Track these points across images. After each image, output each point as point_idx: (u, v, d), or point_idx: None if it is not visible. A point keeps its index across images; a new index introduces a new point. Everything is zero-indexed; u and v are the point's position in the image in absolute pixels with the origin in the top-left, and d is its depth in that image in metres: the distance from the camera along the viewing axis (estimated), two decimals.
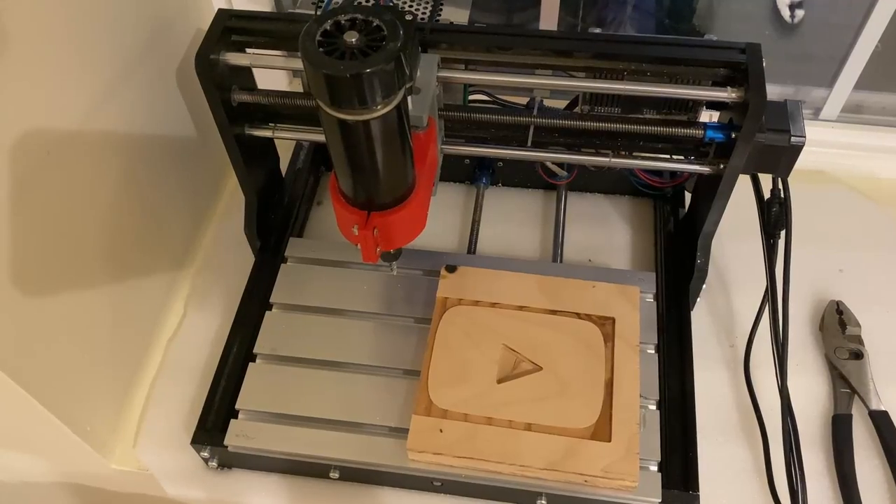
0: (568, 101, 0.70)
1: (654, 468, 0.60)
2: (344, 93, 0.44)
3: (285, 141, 0.80)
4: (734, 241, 0.76)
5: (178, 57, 0.71)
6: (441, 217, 0.81)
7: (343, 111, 0.45)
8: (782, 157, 0.61)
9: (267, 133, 0.68)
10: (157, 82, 0.69)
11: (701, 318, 0.74)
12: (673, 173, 0.77)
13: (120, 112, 0.64)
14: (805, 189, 0.67)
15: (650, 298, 0.69)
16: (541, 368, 0.63)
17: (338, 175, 0.53)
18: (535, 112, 0.65)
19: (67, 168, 0.58)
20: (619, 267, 0.77)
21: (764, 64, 0.58)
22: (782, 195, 0.65)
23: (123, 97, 0.64)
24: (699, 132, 0.62)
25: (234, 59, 0.62)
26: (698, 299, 0.73)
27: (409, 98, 0.49)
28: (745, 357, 0.70)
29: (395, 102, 0.46)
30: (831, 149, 0.86)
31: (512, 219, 0.82)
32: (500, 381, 0.62)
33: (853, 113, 0.88)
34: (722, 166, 0.62)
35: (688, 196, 0.77)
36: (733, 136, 0.60)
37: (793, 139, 0.60)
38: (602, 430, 0.60)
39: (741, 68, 0.58)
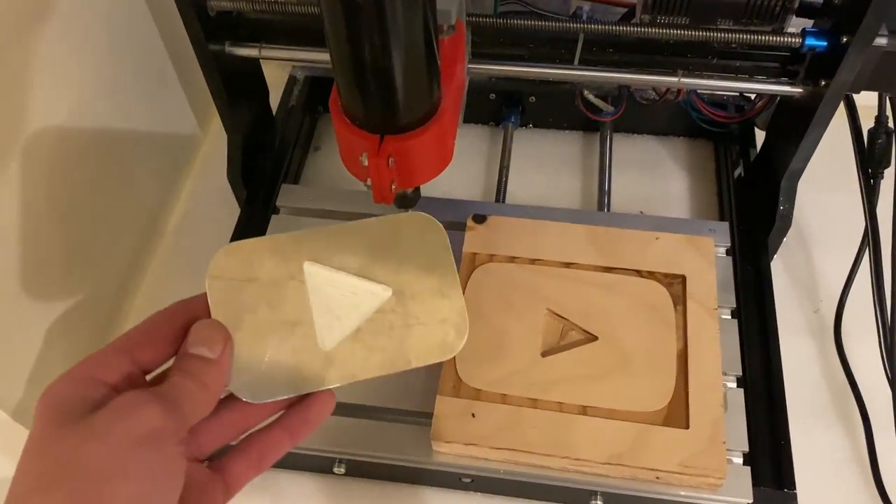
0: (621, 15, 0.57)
1: (740, 461, 0.49)
2: None
3: (276, 76, 0.69)
4: (814, 188, 0.63)
5: None
6: (462, 164, 0.69)
7: None
8: None
9: (252, 52, 0.56)
10: None
11: (777, 278, 0.61)
12: (740, 107, 0.65)
13: (71, 27, 0.52)
14: None
15: (722, 253, 0.57)
16: (596, 338, 0.51)
17: (340, 86, 0.41)
18: (583, 20, 0.53)
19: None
20: None
21: None
22: (891, 122, 0.52)
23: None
24: (796, 40, 0.50)
25: None
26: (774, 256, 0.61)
27: None
28: (835, 324, 0.59)
29: None
30: None
31: (546, 165, 0.70)
32: (545, 355, 0.51)
33: None
34: (823, 83, 0.50)
35: (758, 135, 0.65)
36: (844, 40, 0.47)
37: None
38: (677, 415, 0.48)
39: None
